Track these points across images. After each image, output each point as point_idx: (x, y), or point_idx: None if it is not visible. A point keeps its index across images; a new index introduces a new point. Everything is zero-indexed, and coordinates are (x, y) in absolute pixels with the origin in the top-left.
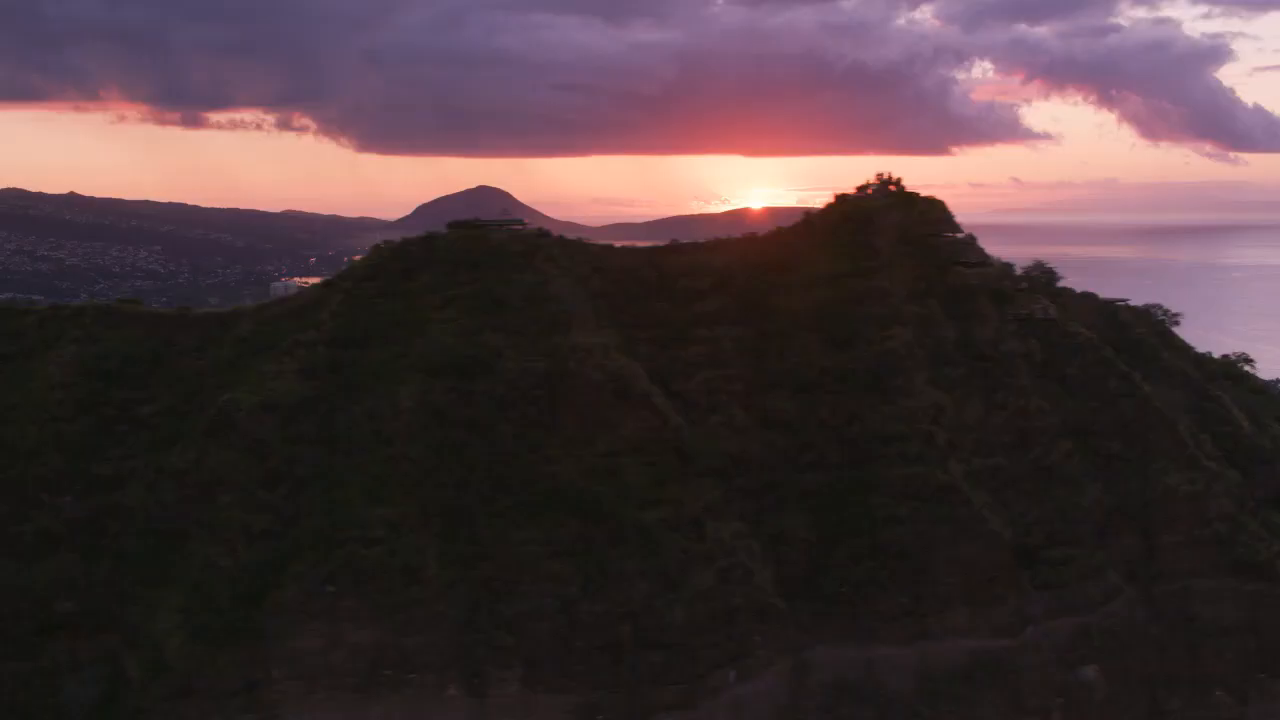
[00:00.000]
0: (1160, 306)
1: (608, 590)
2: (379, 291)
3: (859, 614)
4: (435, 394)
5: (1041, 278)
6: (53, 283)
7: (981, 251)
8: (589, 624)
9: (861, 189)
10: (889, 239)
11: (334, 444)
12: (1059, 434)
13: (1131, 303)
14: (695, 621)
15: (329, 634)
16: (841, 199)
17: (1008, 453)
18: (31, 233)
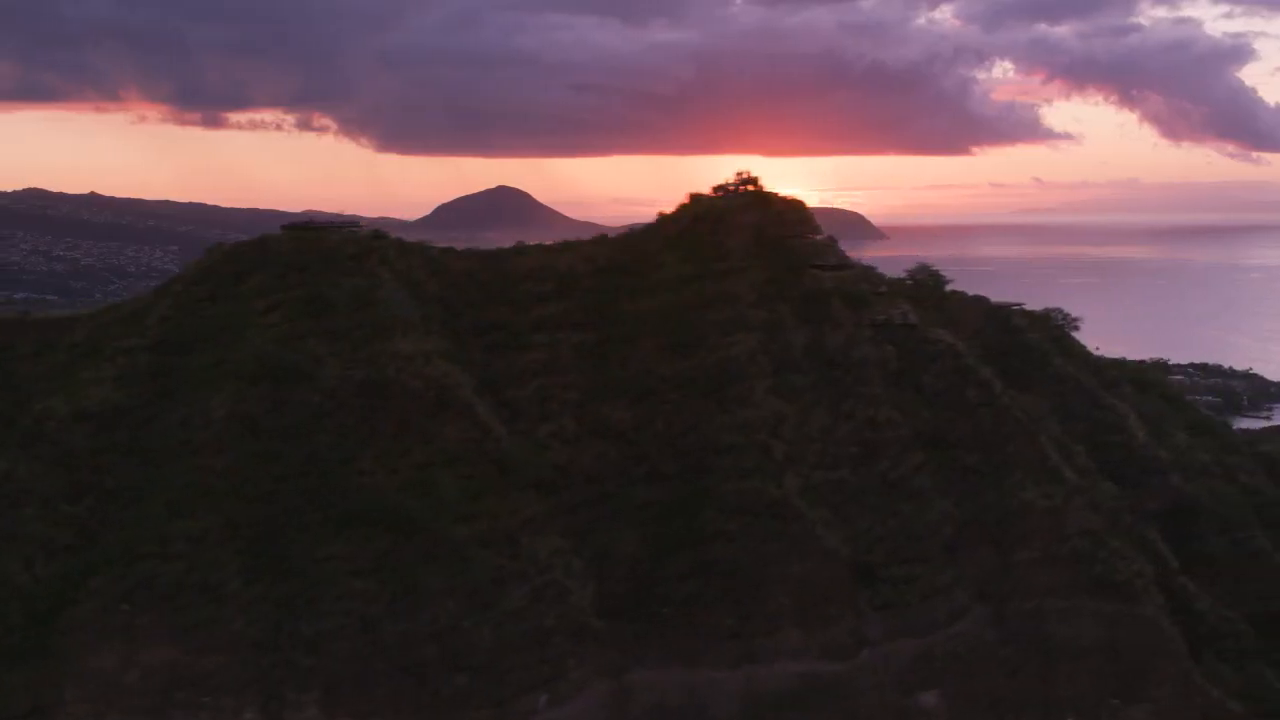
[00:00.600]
0: (1060, 310)
1: (414, 609)
2: (209, 295)
3: (683, 635)
4: (249, 402)
5: (928, 281)
6: (67, 282)
7: (841, 254)
8: (393, 644)
9: (718, 188)
10: (742, 240)
11: (146, 454)
12: (911, 445)
13: (1027, 307)
14: (504, 642)
15: (123, 653)
16: (695, 198)
17: (853, 465)
18: (49, 233)
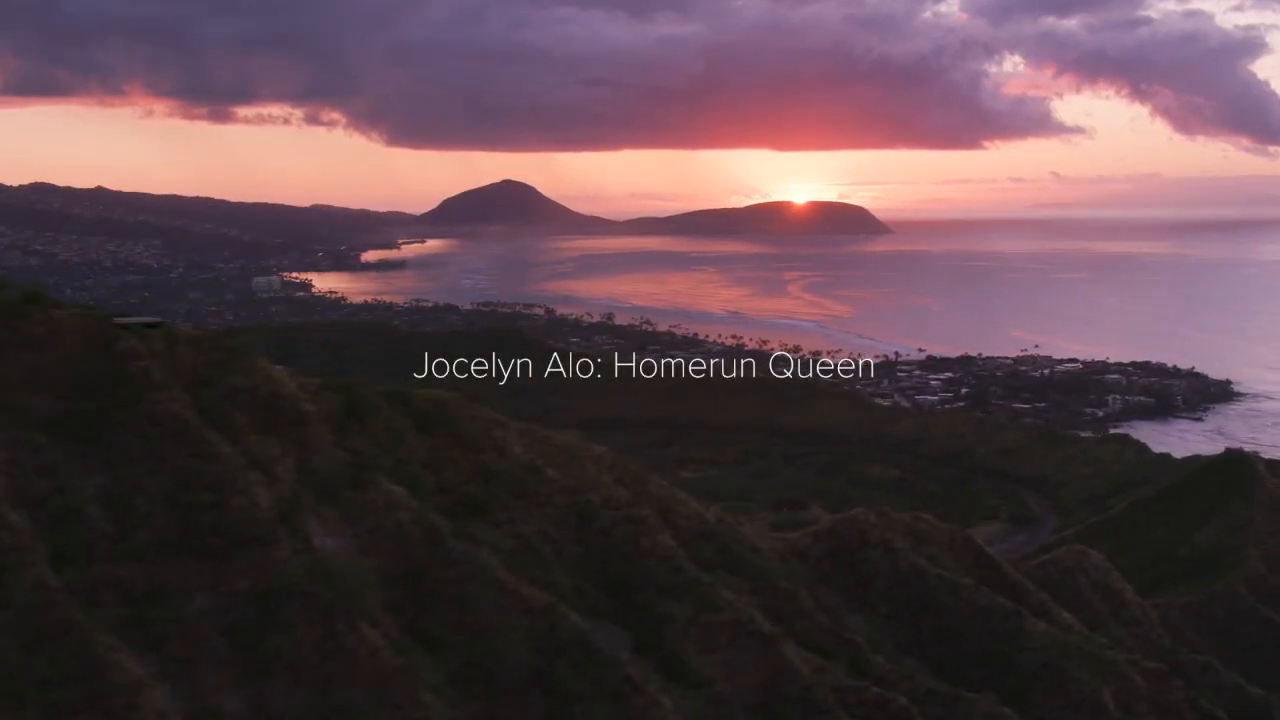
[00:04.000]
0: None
1: None
2: None
3: None
4: None
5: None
6: (38, 277)
7: None
8: None
9: None
10: None
11: None
12: None
13: (152, 322)
14: None
15: None
16: None
17: None
18: (29, 227)
